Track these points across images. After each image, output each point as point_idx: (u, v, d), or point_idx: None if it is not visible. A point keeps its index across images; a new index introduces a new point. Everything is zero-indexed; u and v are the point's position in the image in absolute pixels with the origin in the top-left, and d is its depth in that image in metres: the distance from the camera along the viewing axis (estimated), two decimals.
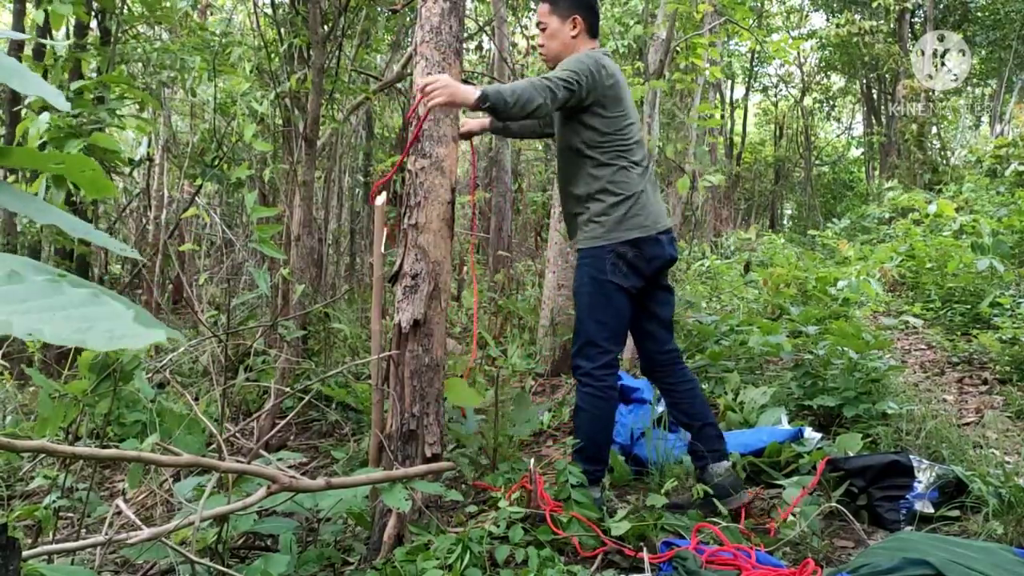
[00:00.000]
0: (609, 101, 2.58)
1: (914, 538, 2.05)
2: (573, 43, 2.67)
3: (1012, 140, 11.72)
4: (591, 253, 2.63)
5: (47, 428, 2.38)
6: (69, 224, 0.88)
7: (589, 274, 2.63)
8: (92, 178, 1.01)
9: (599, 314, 2.61)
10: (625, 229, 2.58)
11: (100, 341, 0.60)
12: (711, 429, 2.74)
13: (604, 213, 2.60)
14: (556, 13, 2.67)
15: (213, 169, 4.51)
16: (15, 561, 1.15)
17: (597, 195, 2.61)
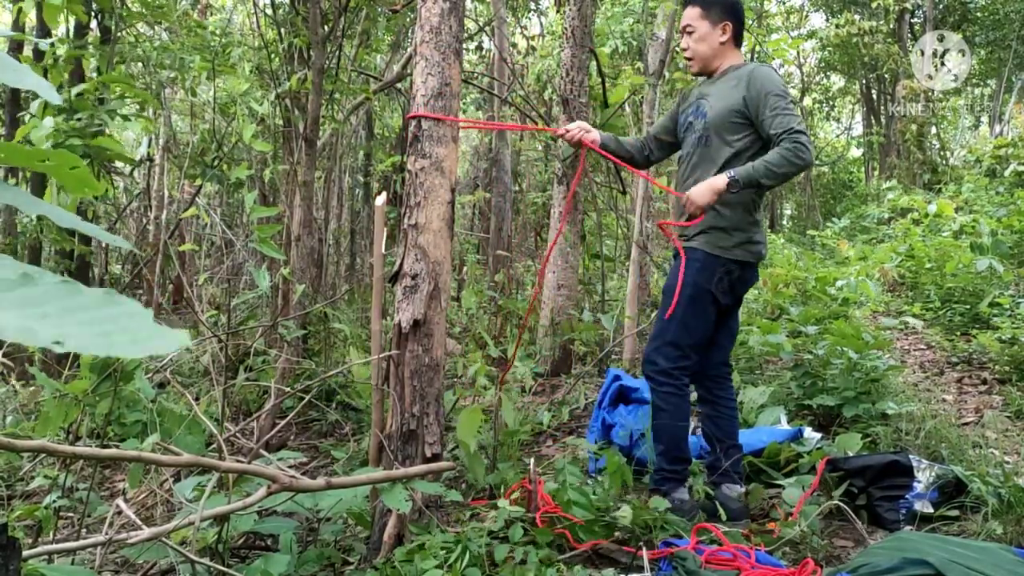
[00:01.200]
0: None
1: (914, 538, 2.05)
2: (722, 49, 2.68)
3: (1011, 140, 11.72)
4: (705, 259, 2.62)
5: (48, 428, 2.39)
6: (58, 215, 0.87)
7: (695, 279, 2.62)
8: (78, 176, 1.00)
9: (691, 319, 2.64)
10: (744, 249, 2.62)
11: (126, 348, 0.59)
12: (736, 451, 2.76)
13: (737, 228, 2.61)
14: (707, 18, 2.67)
15: (213, 169, 4.51)
16: (15, 561, 1.15)
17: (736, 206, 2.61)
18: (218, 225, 7.68)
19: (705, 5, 2.68)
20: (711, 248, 2.61)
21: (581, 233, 5.41)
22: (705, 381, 2.82)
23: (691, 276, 2.61)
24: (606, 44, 8.04)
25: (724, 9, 2.67)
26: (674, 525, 2.47)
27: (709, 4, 2.68)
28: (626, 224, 6.50)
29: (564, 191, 5.17)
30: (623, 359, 4.80)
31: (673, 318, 2.64)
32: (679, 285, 2.62)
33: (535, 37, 12.90)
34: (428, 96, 2.52)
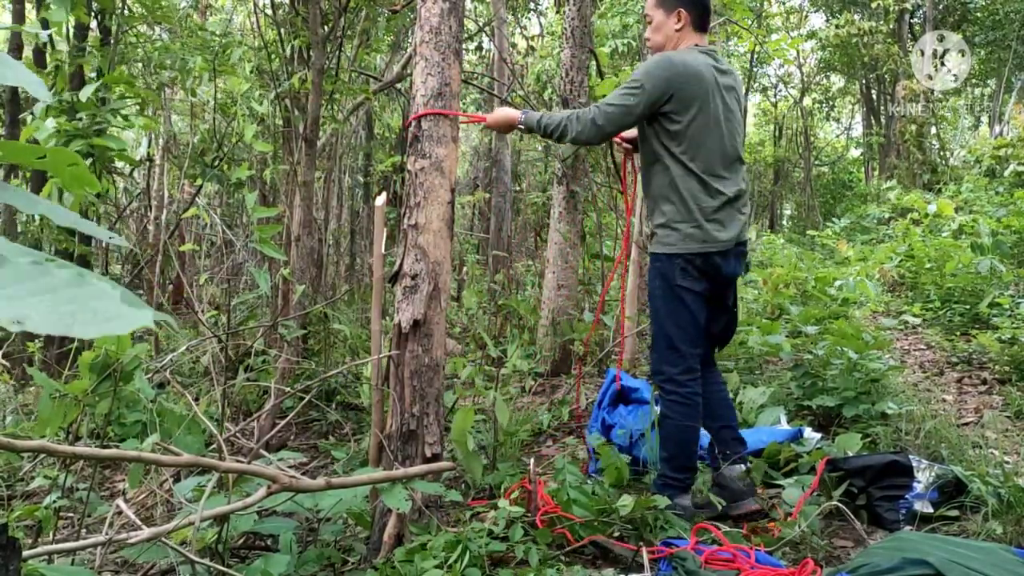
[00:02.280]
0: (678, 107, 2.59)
1: (913, 538, 2.05)
2: (677, 36, 2.67)
3: (1011, 140, 11.73)
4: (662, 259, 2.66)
5: (47, 428, 2.39)
6: (57, 214, 0.87)
7: (660, 280, 2.64)
8: (74, 173, 1.00)
9: (677, 318, 2.63)
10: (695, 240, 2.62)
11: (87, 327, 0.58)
12: (729, 432, 2.75)
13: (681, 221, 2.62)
14: (662, 6, 2.68)
15: (213, 169, 4.51)
16: (15, 561, 1.15)
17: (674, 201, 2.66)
18: (218, 225, 7.68)
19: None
20: (662, 247, 2.63)
21: (581, 233, 5.41)
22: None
23: (657, 279, 2.65)
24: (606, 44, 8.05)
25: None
26: (674, 525, 2.47)
27: None
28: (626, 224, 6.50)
29: (564, 191, 5.17)
30: (623, 359, 4.79)
31: (660, 324, 2.67)
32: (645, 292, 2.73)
33: (535, 37, 12.90)
34: (428, 96, 2.52)
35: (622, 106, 2.57)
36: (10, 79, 0.82)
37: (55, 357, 4.62)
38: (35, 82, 0.84)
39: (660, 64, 2.57)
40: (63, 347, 4.56)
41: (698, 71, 2.56)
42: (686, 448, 2.67)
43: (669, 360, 2.65)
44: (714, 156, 2.59)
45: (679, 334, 2.64)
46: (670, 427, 2.67)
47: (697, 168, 2.57)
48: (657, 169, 2.64)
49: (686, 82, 2.54)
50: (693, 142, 2.56)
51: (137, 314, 0.60)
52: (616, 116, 2.59)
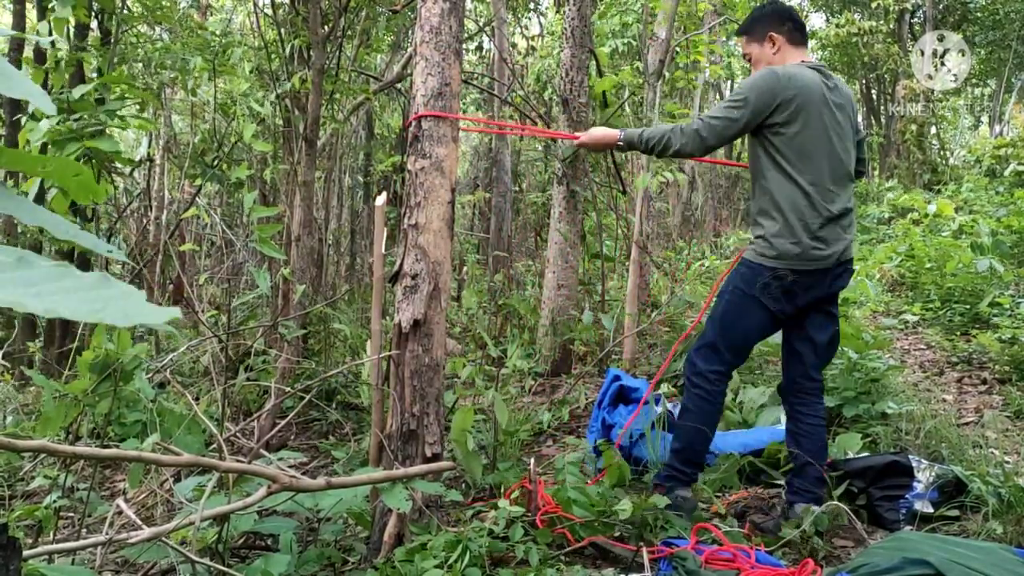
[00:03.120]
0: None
1: (914, 538, 2.05)
2: (776, 59, 2.67)
3: (1011, 140, 11.73)
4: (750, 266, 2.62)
5: (48, 428, 2.39)
6: (54, 224, 0.88)
7: (737, 283, 2.63)
8: (80, 182, 1.01)
9: (729, 322, 2.62)
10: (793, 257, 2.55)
11: (117, 318, 0.63)
12: (814, 471, 2.63)
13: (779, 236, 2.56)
14: (754, 40, 2.70)
15: (213, 169, 4.51)
16: (15, 561, 1.15)
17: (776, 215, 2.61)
18: (218, 225, 7.68)
19: (746, 31, 2.73)
20: (755, 256, 2.58)
21: (581, 233, 5.41)
22: (789, 396, 2.73)
23: (734, 281, 2.64)
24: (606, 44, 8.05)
25: (764, 24, 2.68)
26: (674, 525, 2.47)
27: (748, 28, 2.72)
28: (626, 224, 6.50)
29: (564, 191, 5.17)
30: (623, 359, 4.80)
31: (713, 320, 2.66)
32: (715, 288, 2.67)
33: (535, 37, 12.91)
34: (428, 96, 2.53)
35: (726, 119, 2.55)
36: (14, 91, 0.82)
37: (55, 357, 4.62)
38: (38, 94, 0.84)
39: (764, 76, 2.55)
40: (63, 347, 4.56)
41: (806, 83, 2.52)
42: (698, 444, 2.66)
43: (705, 356, 2.64)
44: (822, 170, 2.53)
45: (727, 338, 2.62)
46: (687, 420, 2.66)
47: (804, 182, 2.51)
48: (762, 182, 2.59)
49: (793, 94, 2.50)
50: (801, 154, 2.52)
51: (161, 311, 0.65)
52: (719, 128, 2.57)
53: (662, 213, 10.50)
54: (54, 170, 0.97)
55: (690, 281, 7.85)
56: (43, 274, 0.67)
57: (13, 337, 4.97)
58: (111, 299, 0.65)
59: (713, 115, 2.59)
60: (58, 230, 0.87)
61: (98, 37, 5.00)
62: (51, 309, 0.61)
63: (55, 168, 0.97)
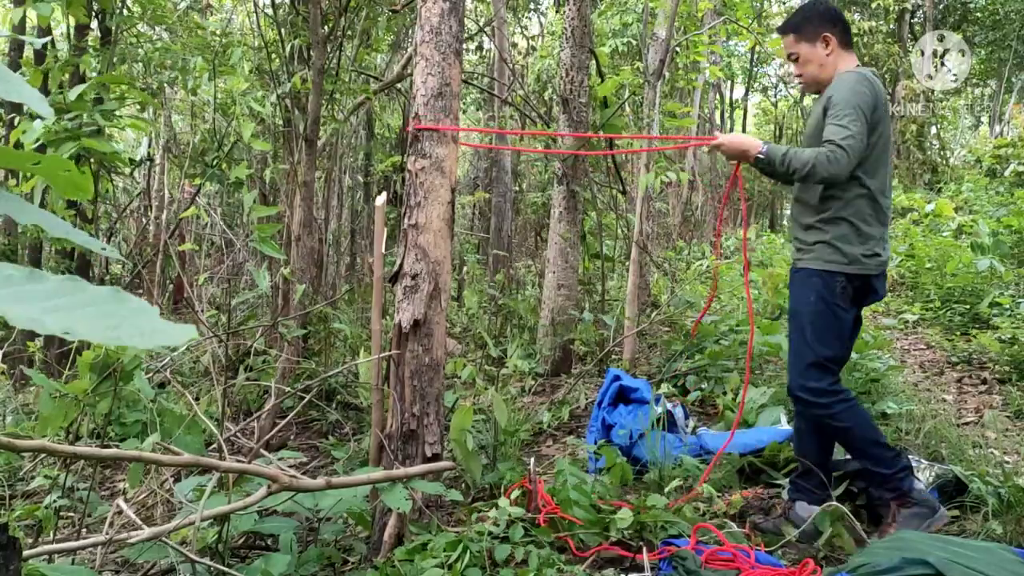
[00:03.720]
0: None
1: (914, 538, 2.05)
2: (831, 61, 2.57)
3: (1011, 140, 11.73)
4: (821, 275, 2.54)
5: (48, 428, 2.39)
6: (50, 223, 0.88)
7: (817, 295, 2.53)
8: (69, 179, 1.01)
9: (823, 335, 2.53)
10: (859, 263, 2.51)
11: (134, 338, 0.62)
12: (819, 474, 2.61)
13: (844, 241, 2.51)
14: (804, 39, 2.58)
15: (213, 169, 4.51)
16: (15, 561, 1.15)
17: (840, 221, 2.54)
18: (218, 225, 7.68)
19: (796, 28, 2.60)
20: (823, 264, 2.50)
21: (581, 233, 5.41)
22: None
23: (810, 294, 2.53)
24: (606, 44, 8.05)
25: (817, 22, 2.57)
26: (674, 524, 2.47)
27: (798, 26, 2.60)
28: (626, 224, 6.50)
29: (564, 191, 5.17)
30: (623, 359, 4.80)
31: (806, 341, 2.54)
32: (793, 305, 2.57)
33: (535, 37, 12.91)
34: (428, 96, 2.53)
35: (858, 136, 2.40)
36: (12, 95, 0.82)
37: (55, 357, 4.62)
38: (35, 97, 0.84)
39: (862, 83, 2.47)
40: (63, 347, 4.56)
41: (883, 90, 2.52)
42: (878, 442, 2.53)
43: (814, 376, 2.52)
44: (884, 178, 2.52)
45: (827, 351, 2.53)
46: (854, 435, 2.52)
47: (873, 189, 2.49)
48: (832, 189, 2.51)
49: (880, 100, 2.48)
50: (875, 162, 2.49)
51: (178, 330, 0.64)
52: (858, 147, 2.42)
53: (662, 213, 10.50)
54: (44, 167, 0.97)
55: (690, 281, 7.85)
56: (55, 289, 0.66)
57: (13, 337, 4.97)
58: (126, 317, 0.64)
59: (847, 136, 2.40)
60: (53, 228, 0.87)
61: (97, 37, 5.00)
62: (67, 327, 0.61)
63: (45, 165, 0.97)
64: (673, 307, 5.52)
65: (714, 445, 3.25)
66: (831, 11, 2.61)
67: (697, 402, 4.18)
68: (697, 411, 4.11)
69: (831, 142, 2.40)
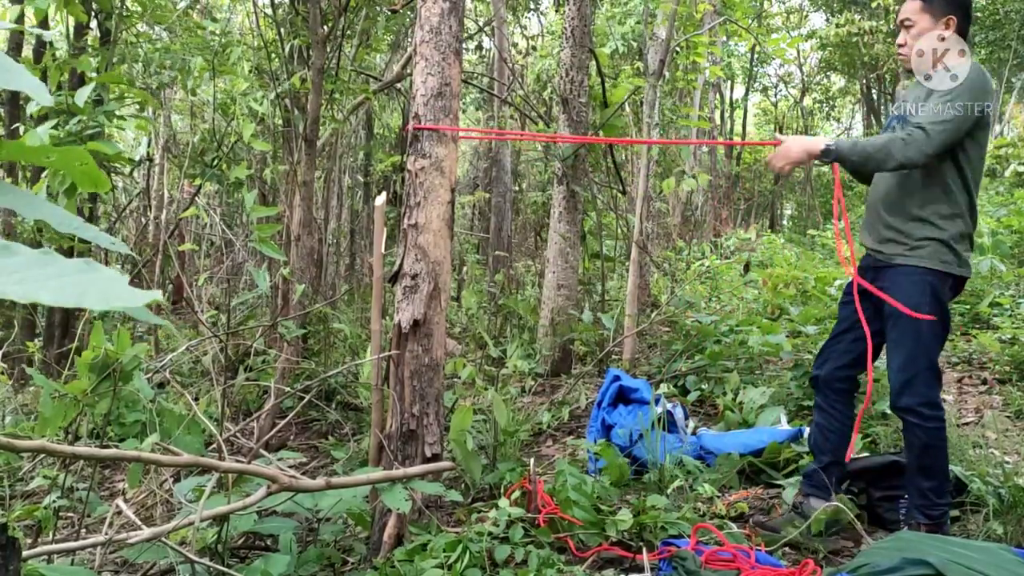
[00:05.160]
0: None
1: (914, 538, 2.05)
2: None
3: (1011, 140, 11.72)
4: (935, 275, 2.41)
5: (47, 428, 2.38)
6: (58, 218, 0.87)
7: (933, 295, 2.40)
8: (85, 171, 1.00)
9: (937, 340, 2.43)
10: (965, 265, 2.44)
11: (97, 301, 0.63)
12: (836, 469, 2.59)
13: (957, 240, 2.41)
14: (928, 11, 2.42)
15: (213, 169, 4.51)
16: (15, 561, 1.15)
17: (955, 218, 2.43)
18: (218, 225, 7.67)
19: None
20: (937, 264, 2.37)
21: (581, 233, 5.41)
22: (826, 389, 2.64)
23: (927, 295, 2.38)
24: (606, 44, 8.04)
25: (949, 2, 2.42)
26: (674, 525, 2.47)
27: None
28: (626, 224, 6.50)
29: (564, 191, 5.17)
30: (623, 359, 4.79)
31: (926, 346, 2.38)
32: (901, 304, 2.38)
33: (535, 37, 12.91)
34: (428, 96, 2.52)
35: (952, 123, 2.31)
36: (12, 84, 0.82)
37: (55, 357, 4.62)
38: (37, 86, 0.84)
39: (981, 74, 2.39)
40: (63, 347, 4.56)
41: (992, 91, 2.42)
42: (948, 474, 2.47)
43: (931, 384, 2.39)
44: (980, 180, 2.45)
45: (937, 356, 2.43)
46: (938, 457, 2.42)
47: (974, 190, 2.42)
48: (943, 186, 2.39)
49: (992, 97, 2.40)
50: (979, 162, 2.42)
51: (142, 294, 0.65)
52: (949, 135, 2.31)
53: (662, 213, 10.50)
54: (59, 160, 0.97)
55: (690, 281, 7.85)
56: (26, 261, 0.67)
57: (13, 337, 4.97)
58: (92, 283, 0.64)
59: (938, 120, 2.31)
60: (60, 223, 0.87)
61: (97, 37, 4.99)
62: (30, 294, 0.61)
63: (60, 158, 0.97)
64: (673, 307, 5.51)
65: (714, 445, 3.25)
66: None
67: (697, 402, 4.18)
68: (697, 411, 4.11)
69: (919, 125, 2.30)
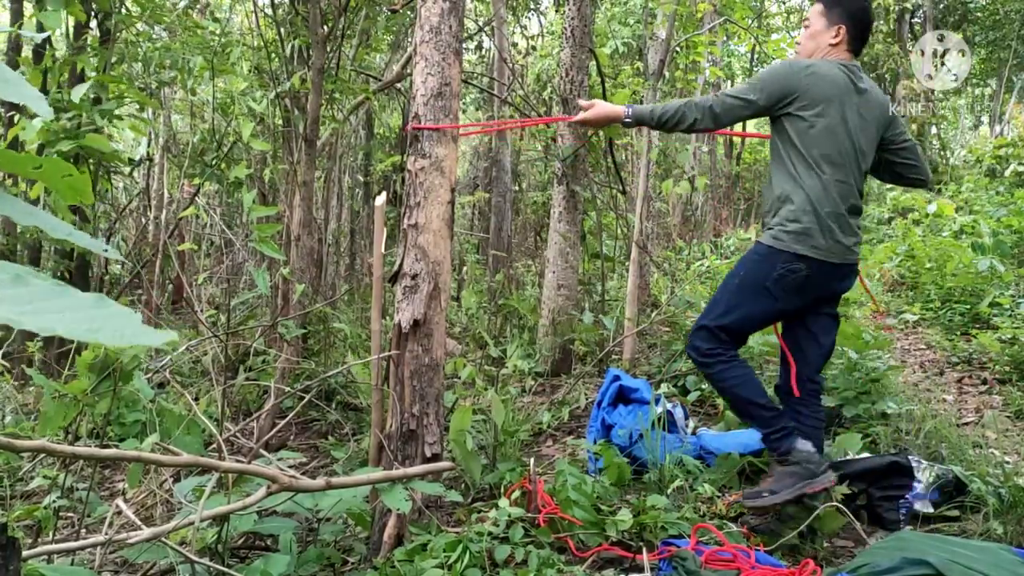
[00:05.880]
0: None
1: (914, 538, 2.05)
2: (828, 51, 2.62)
3: (1011, 140, 11.72)
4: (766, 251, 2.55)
5: (47, 428, 2.38)
6: (51, 225, 0.88)
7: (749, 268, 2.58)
8: (70, 183, 1.00)
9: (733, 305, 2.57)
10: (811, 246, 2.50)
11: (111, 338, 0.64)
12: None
13: (797, 220, 2.51)
14: (825, 16, 2.63)
15: (212, 169, 4.51)
16: (15, 561, 1.15)
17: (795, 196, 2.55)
18: (218, 225, 7.68)
19: (828, 4, 2.64)
20: (772, 241, 2.52)
21: (581, 233, 5.40)
22: (789, 397, 2.67)
23: (746, 265, 2.58)
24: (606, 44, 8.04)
25: (845, 13, 2.61)
26: (674, 525, 2.47)
27: (832, 4, 2.64)
28: (626, 224, 6.51)
29: (564, 191, 5.17)
30: (623, 359, 4.79)
31: (716, 301, 2.61)
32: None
33: (535, 37, 12.91)
34: (428, 96, 2.52)
35: (742, 100, 2.56)
36: (11, 95, 0.82)
37: (55, 357, 4.62)
38: (35, 97, 0.84)
39: (783, 67, 2.58)
40: (63, 347, 4.56)
41: (827, 78, 2.51)
42: (759, 399, 2.54)
43: (704, 338, 2.57)
44: (839, 165, 2.51)
45: (727, 322, 2.54)
46: (729, 393, 2.57)
47: (823, 172, 2.49)
48: (785, 168, 2.57)
49: (809, 86, 2.50)
50: (821, 145, 2.50)
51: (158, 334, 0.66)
52: (734, 108, 2.58)
53: (662, 213, 10.50)
54: (44, 171, 0.97)
55: (690, 281, 7.85)
56: (40, 292, 0.68)
57: (13, 337, 4.97)
58: (107, 320, 0.66)
59: (729, 94, 2.60)
60: (54, 230, 0.87)
61: (97, 37, 4.99)
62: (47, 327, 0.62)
63: (46, 169, 0.96)
64: (673, 307, 5.51)
65: (714, 445, 3.25)
66: (864, 11, 2.64)
67: (697, 402, 4.18)
68: (697, 411, 4.11)
69: (715, 94, 2.61)
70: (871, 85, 2.64)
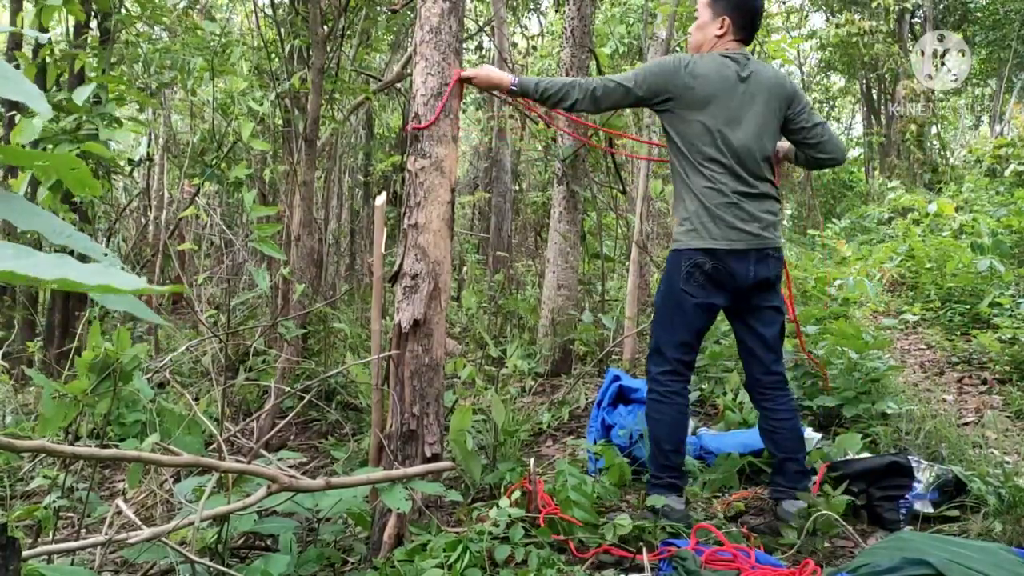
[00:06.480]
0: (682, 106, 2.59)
1: (914, 538, 2.05)
2: (715, 41, 2.66)
3: (1011, 140, 11.72)
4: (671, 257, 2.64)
5: (47, 428, 2.38)
6: (50, 228, 0.88)
7: (665, 279, 2.65)
8: (79, 176, 1.01)
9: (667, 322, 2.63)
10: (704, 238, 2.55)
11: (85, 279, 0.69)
12: (793, 464, 2.64)
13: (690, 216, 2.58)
14: (711, 7, 2.67)
15: (212, 169, 4.51)
16: (15, 561, 1.15)
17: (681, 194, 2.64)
18: (218, 225, 7.67)
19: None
20: (675, 245, 2.61)
21: (581, 233, 5.41)
22: (753, 394, 2.75)
23: (664, 278, 2.66)
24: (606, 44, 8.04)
25: (729, 5, 2.64)
26: (673, 526, 2.46)
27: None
28: (626, 224, 6.51)
29: (564, 191, 5.17)
30: (623, 359, 4.79)
31: (654, 323, 2.69)
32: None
33: (535, 37, 12.91)
34: (428, 96, 2.52)
35: (622, 87, 2.61)
36: (11, 92, 0.82)
37: (55, 357, 4.62)
38: (35, 95, 0.84)
39: (666, 63, 2.62)
40: (63, 347, 4.56)
41: (710, 73, 2.55)
42: (663, 446, 2.60)
43: (654, 360, 2.67)
44: (729, 155, 2.53)
45: (665, 338, 2.62)
46: (650, 426, 2.66)
47: (709, 165, 2.53)
48: (674, 166, 2.64)
49: (690, 83, 2.54)
50: (703, 140, 2.54)
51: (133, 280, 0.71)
52: (615, 94, 2.63)
53: (662, 213, 10.49)
54: (51, 164, 0.97)
55: None
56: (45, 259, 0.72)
57: (13, 337, 4.97)
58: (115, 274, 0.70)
59: (613, 79, 2.63)
60: (53, 234, 0.87)
61: (97, 37, 4.99)
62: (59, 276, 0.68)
63: (53, 162, 0.97)
64: None
65: (714, 445, 3.25)
66: (745, 5, 2.66)
67: (697, 402, 4.18)
68: (697, 411, 4.11)
69: (600, 78, 2.66)
70: (761, 67, 2.66)
